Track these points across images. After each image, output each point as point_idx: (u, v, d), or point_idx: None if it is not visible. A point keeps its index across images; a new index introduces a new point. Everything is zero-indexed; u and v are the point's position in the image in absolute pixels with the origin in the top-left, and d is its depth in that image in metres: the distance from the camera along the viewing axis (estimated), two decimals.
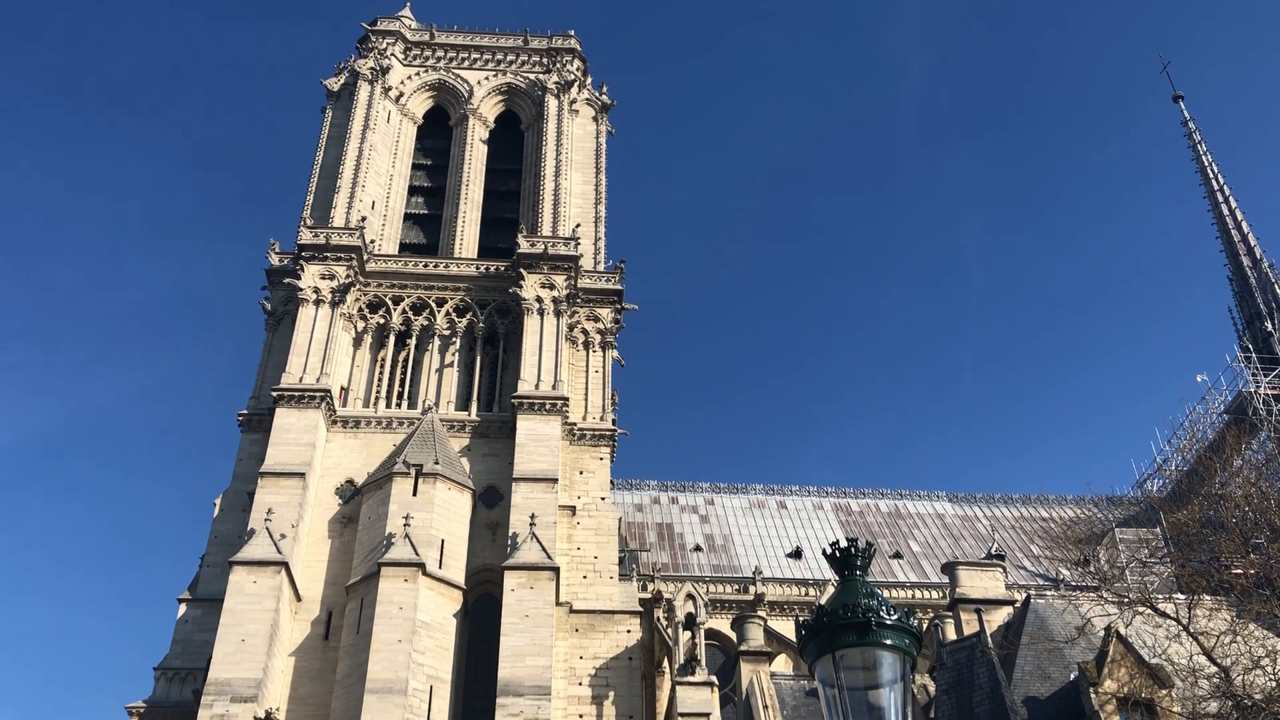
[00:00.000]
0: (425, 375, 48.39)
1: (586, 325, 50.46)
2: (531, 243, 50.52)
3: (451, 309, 50.12)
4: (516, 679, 38.14)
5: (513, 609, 39.80)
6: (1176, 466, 62.05)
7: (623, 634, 41.95)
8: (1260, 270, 76.31)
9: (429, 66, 61.32)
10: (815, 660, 7.88)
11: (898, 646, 7.74)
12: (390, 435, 46.00)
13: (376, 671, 37.38)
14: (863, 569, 8.30)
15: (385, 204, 54.83)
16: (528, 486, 43.11)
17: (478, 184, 57.17)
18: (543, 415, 45.36)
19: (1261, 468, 38.70)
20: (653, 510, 64.17)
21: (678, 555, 60.18)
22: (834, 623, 7.78)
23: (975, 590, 31.42)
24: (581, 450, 46.77)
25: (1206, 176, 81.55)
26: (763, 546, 61.56)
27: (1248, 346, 67.37)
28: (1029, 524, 64.86)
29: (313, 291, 48.53)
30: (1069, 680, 27.46)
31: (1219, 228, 79.73)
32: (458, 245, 53.71)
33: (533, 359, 47.02)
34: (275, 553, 40.22)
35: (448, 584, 40.80)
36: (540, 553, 40.98)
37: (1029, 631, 29.22)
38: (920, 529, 64.36)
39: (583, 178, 56.70)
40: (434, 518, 41.69)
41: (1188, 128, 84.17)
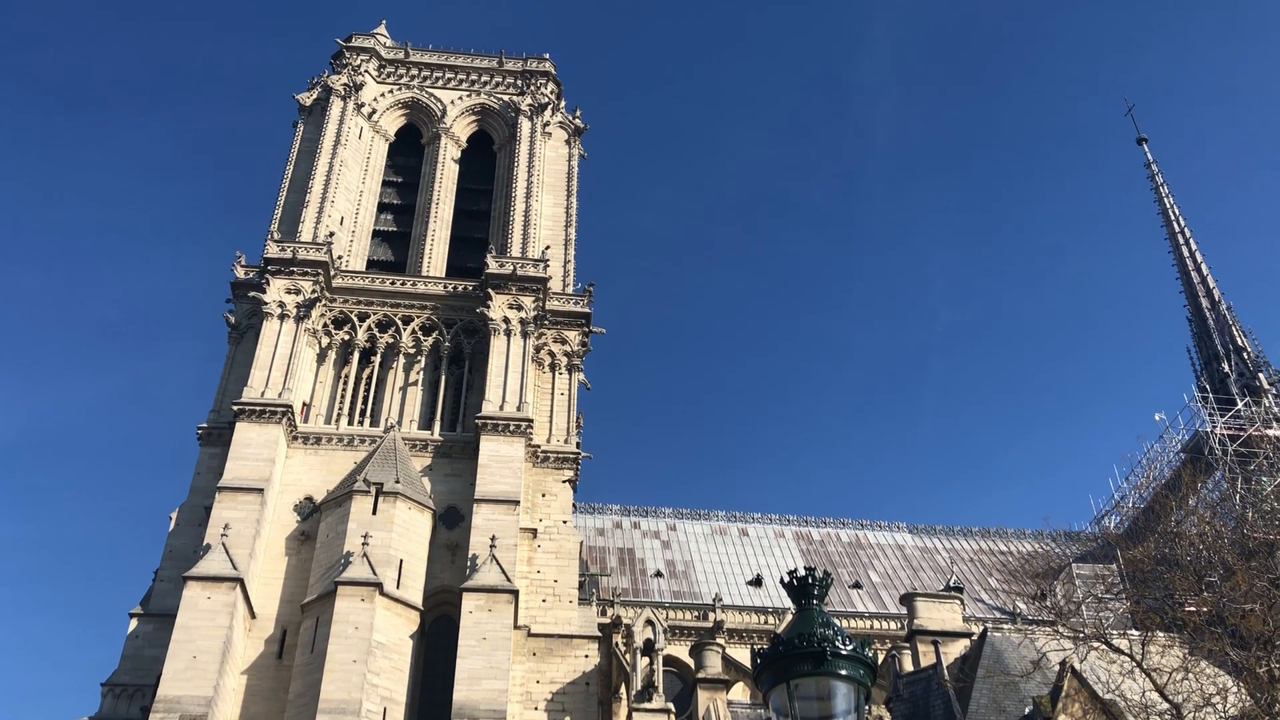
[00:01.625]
0: (389, 393, 48.10)
1: (553, 347, 50.40)
2: (500, 263, 50.46)
3: (417, 327, 49.91)
4: (472, 702, 37.78)
5: (470, 631, 39.45)
6: (1134, 504, 62.75)
7: (581, 659, 41.69)
8: (1218, 312, 77.57)
9: (403, 84, 61.31)
10: (770, 689, 7.86)
11: (853, 677, 7.74)
12: (351, 453, 45.62)
13: (330, 692, 36.87)
14: (819, 598, 8.30)
15: (354, 220, 54.62)
16: (489, 508, 42.86)
17: (448, 203, 57.14)
18: (506, 437, 45.18)
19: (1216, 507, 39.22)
20: (615, 535, 63.99)
21: (638, 580, 60.02)
22: (789, 651, 7.77)
23: (933, 622, 31.50)
24: (544, 473, 46.60)
25: (1168, 218, 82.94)
26: (723, 573, 61.52)
27: (1205, 387, 68.35)
28: (988, 557, 65.27)
29: (278, 305, 48.17)
30: (1024, 714, 27.56)
31: (1179, 269, 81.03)
32: (426, 264, 53.55)
33: (498, 380, 46.86)
34: (231, 569, 39.69)
35: (405, 604, 40.39)
36: (500, 575, 40.70)
37: (985, 664, 29.32)
38: (880, 559, 64.58)
39: (554, 200, 56.80)
40: (393, 537, 41.32)
41: (1151, 170, 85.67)
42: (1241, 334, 75.99)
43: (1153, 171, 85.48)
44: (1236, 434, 60.83)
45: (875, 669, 8.03)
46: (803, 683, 7.72)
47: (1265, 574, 27.24)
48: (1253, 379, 72.19)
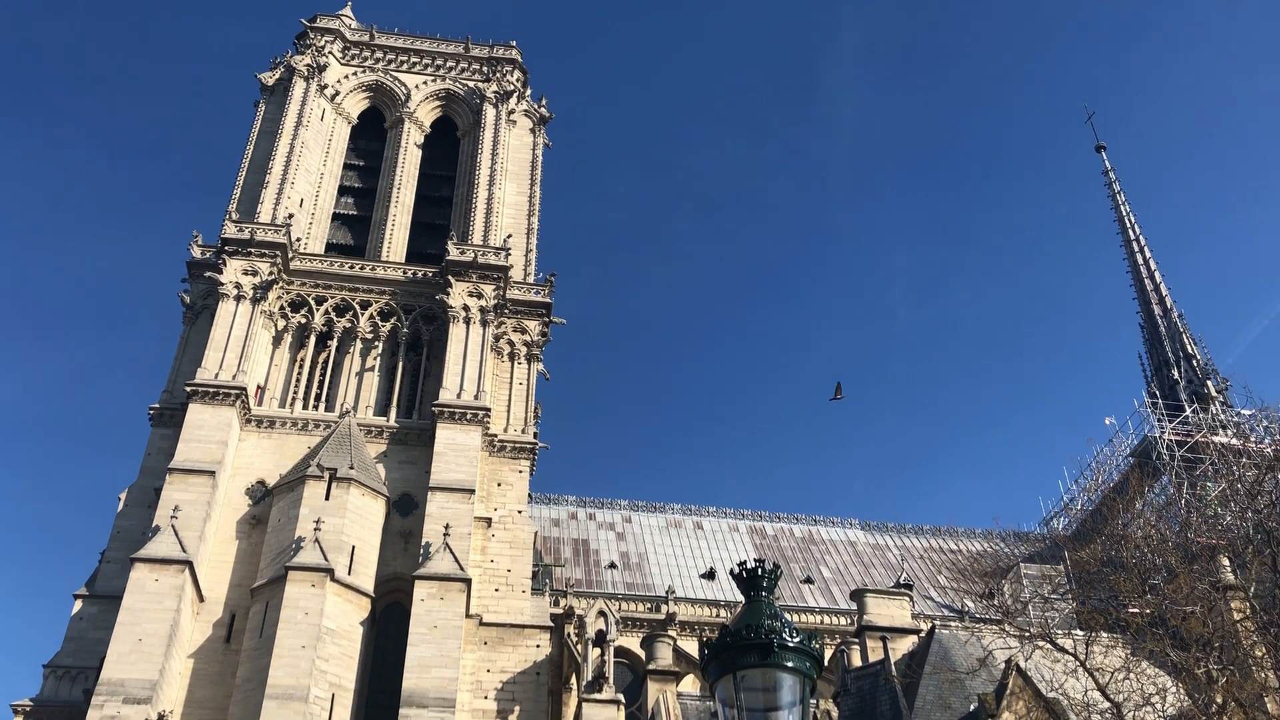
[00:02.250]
0: (345, 378, 47.73)
1: (513, 336, 50.23)
2: (461, 250, 50.21)
3: (376, 312, 49.56)
4: (421, 690, 37.64)
5: (421, 619, 39.30)
6: (1082, 506, 63.66)
7: (532, 649, 41.66)
8: (1170, 320, 78.82)
9: (367, 67, 60.78)
10: (717, 680, 7.91)
11: (798, 669, 7.80)
12: (305, 437, 45.25)
13: (278, 677, 36.58)
14: (768, 590, 8.36)
15: (314, 202, 54.11)
16: (444, 496, 42.69)
17: (410, 188, 56.75)
18: (463, 425, 45.00)
19: (1161, 510, 39.96)
20: (570, 526, 63.99)
21: (592, 572, 60.06)
22: (737, 643, 7.82)
23: (882, 618, 31.78)
24: (501, 462, 46.47)
25: (1124, 226, 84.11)
26: (677, 566, 61.72)
27: (1155, 393, 69.43)
28: (938, 555, 65.98)
29: (234, 287, 47.65)
30: (969, 711, 27.86)
31: (1133, 276, 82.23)
32: (386, 248, 53.17)
33: (456, 367, 46.65)
34: (180, 551, 39.25)
35: (356, 591, 40.15)
36: (453, 564, 40.57)
37: (932, 661, 29.64)
38: (832, 555, 65.09)
39: (517, 188, 56.57)
40: (346, 523, 41.05)
41: (1109, 178, 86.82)
42: (1192, 342, 77.28)
43: (1110, 179, 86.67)
44: (1184, 439, 61.88)
45: (821, 661, 8.10)
46: (749, 674, 7.77)
47: (1206, 577, 27.82)
48: (1201, 386, 73.47)
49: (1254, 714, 23.90)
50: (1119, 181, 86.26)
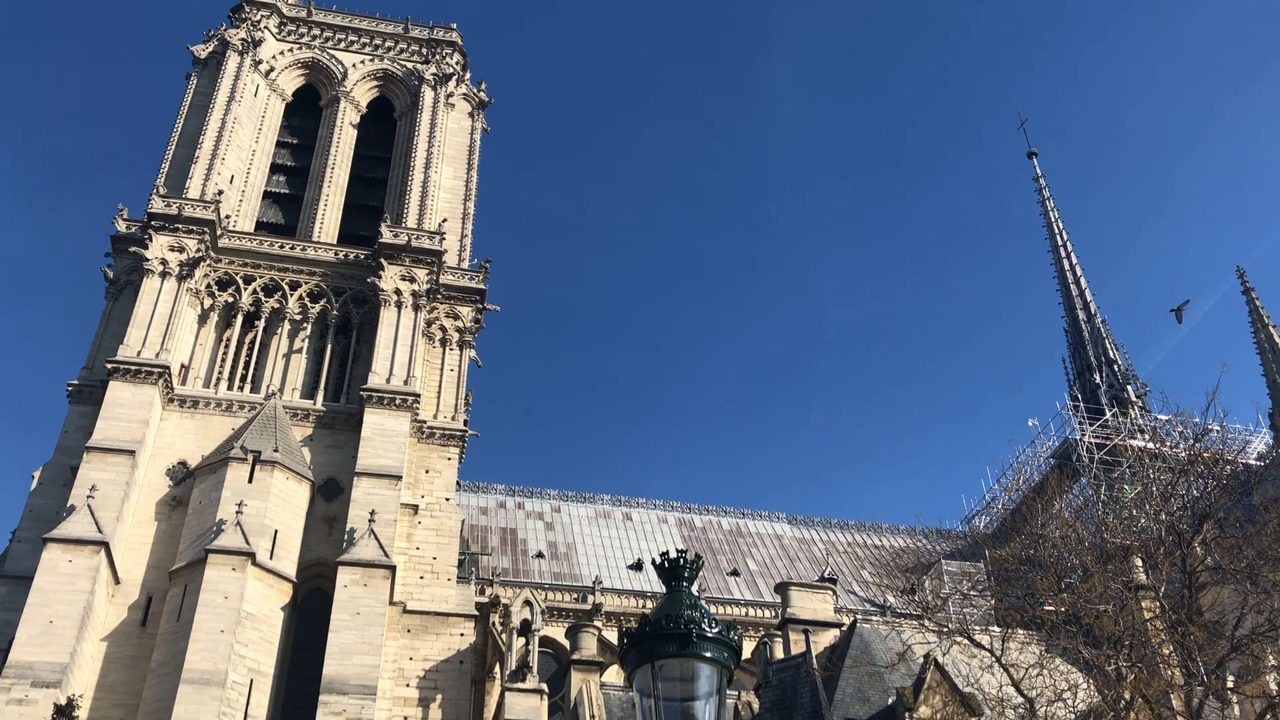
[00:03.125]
0: (272, 359, 46.93)
1: (445, 322, 49.75)
2: (395, 233, 49.60)
3: (305, 293, 48.79)
4: (342, 677, 37.23)
5: (344, 605, 38.86)
6: (1003, 505, 64.85)
7: (456, 637, 41.40)
8: (1094, 325, 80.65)
9: (303, 44, 59.73)
10: (635, 669, 7.89)
11: (716, 659, 7.82)
12: (230, 418, 44.43)
13: (195, 661, 35.91)
14: (690, 580, 8.36)
15: (245, 180, 53.07)
16: (370, 482, 42.20)
17: (344, 168, 55.92)
18: (392, 410, 44.51)
19: (1079, 511, 40.87)
20: (498, 514, 63.67)
21: (519, 561, 59.85)
22: (656, 633, 7.81)
23: (805, 611, 32.09)
24: (429, 449, 46.04)
25: (1052, 232, 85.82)
26: (605, 557, 61.74)
27: (1077, 396, 70.97)
28: (862, 550, 66.83)
29: (160, 263, 46.59)
30: (887, 704, 28.27)
31: (1060, 281, 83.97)
32: (318, 229, 52.34)
33: (386, 352, 46.10)
34: (95, 531, 38.33)
35: (278, 576, 39.55)
36: (377, 550, 40.15)
37: (853, 655, 30.01)
38: (759, 548, 65.59)
39: (453, 172, 56.02)
40: (269, 507, 40.40)
41: (1039, 184, 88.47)
42: (1114, 347, 79.16)
43: (1040, 185, 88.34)
44: (1103, 443, 63.34)
45: (739, 652, 8.13)
46: (667, 663, 7.77)
47: (1120, 577, 28.52)
48: (1121, 391, 75.31)
49: (1160, 710, 24.58)
50: (1049, 188, 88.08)
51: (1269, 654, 26.43)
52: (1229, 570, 27.91)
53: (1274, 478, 48.34)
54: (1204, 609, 28.69)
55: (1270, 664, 26.76)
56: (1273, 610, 26.00)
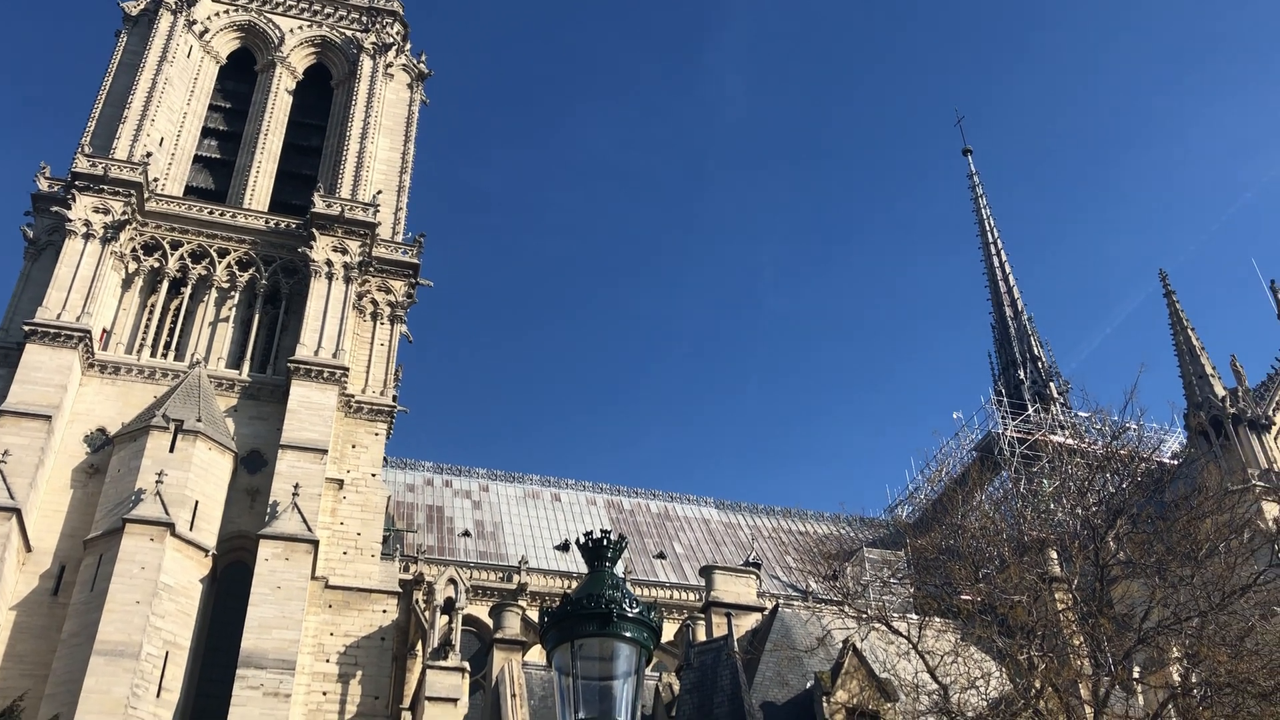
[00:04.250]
0: (197, 327, 46.00)
1: (377, 296, 49.13)
2: (328, 203, 48.82)
3: (234, 261, 47.86)
4: (260, 651, 36.77)
5: (265, 579, 38.35)
6: (925, 496, 65.93)
7: (378, 614, 41.08)
8: (1020, 322, 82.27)
9: (239, 6, 58.37)
10: (554, 647, 7.91)
11: (636, 639, 7.86)
12: (152, 386, 43.50)
13: (108, 633, 35.17)
14: (613, 561, 8.39)
15: (175, 143, 51.82)
16: (295, 455, 41.62)
17: (278, 135, 54.84)
18: (319, 383, 43.88)
19: (999, 503, 41.76)
20: (425, 492, 63.25)
21: (445, 539, 59.55)
22: (576, 612, 7.84)
23: (728, 595, 32.37)
24: (357, 423, 45.51)
25: (984, 229, 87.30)
26: (532, 537, 61.68)
27: (1001, 391, 72.39)
28: (787, 536, 67.59)
29: (83, 224, 45.38)
30: (805, 688, 28.65)
31: (989, 278, 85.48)
32: (249, 196, 51.31)
33: (315, 324, 45.41)
34: (7, 497, 37.35)
35: (197, 547, 38.85)
36: (300, 524, 39.65)
37: (774, 639, 30.36)
38: (686, 532, 66.00)
39: (390, 144, 55.23)
40: (190, 477, 39.65)
41: (972, 180, 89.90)
42: (1039, 344, 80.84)
43: (974, 182, 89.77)
44: (1025, 437, 64.68)
45: (659, 633, 8.18)
46: (587, 643, 7.80)
47: (1035, 569, 29.18)
48: (1044, 387, 76.98)
49: (1068, 698, 25.25)
50: (982, 185, 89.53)
51: (1173, 646, 27.25)
52: (1139, 565, 28.71)
53: (1186, 476, 49.82)
54: (1114, 602, 29.48)
55: (1174, 656, 27.58)
56: (1179, 604, 26.78)
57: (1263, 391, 60.27)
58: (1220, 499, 32.89)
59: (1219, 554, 27.86)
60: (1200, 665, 25.85)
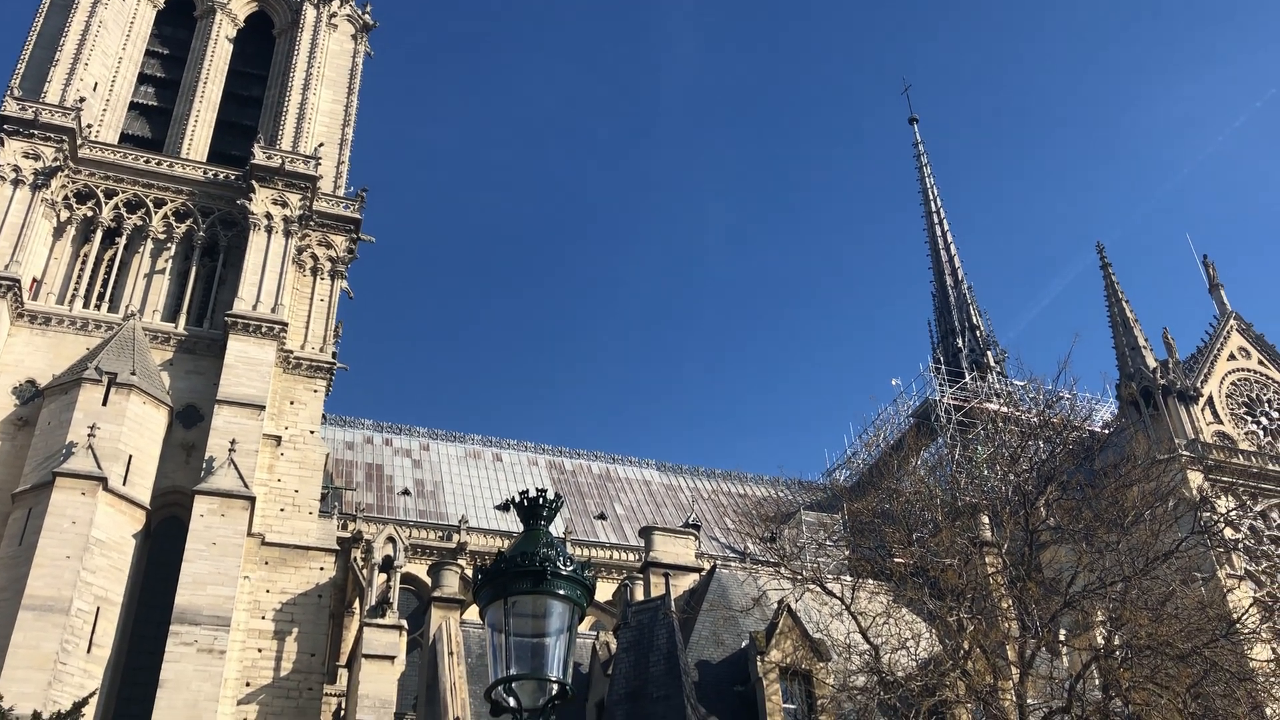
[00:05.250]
0: (132, 279, 45.04)
1: (317, 250, 48.41)
2: (268, 155, 47.89)
3: (171, 212, 46.84)
4: (195, 607, 36.45)
5: (200, 535, 37.93)
6: (863, 460, 66.85)
7: (315, 571, 40.88)
8: (960, 291, 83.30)
9: None
10: (488, 605, 7.93)
11: (570, 597, 7.90)
12: (84, 338, 42.60)
13: (37, 588, 34.63)
14: (548, 519, 8.41)
15: (110, 89, 50.42)
16: (231, 410, 41.07)
17: (217, 83, 53.54)
18: (257, 338, 43.25)
19: (934, 469, 42.44)
20: (364, 450, 62.83)
21: (385, 497, 59.29)
22: (511, 569, 7.85)
23: (667, 556, 32.59)
24: (295, 380, 44.99)
25: (927, 197, 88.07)
26: (473, 496, 61.62)
27: (939, 359, 73.28)
28: (726, 498, 68.22)
29: (12, 170, 44.14)
30: (740, 648, 29.02)
31: (931, 247, 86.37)
32: (187, 145, 50.14)
33: (254, 277, 44.67)
34: None
35: (131, 502, 38.30)
36: (236, 480, 39.21)
37: (710, 599, 30.68)
38: (627, 493, 66.33)
39: (333, 96, 54.23)
40: (123, 431, 38.98)
41: (918, 149, 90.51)
42: (978, 313, 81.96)
43: (919, 151, 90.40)
44: (961, 404, 65.66)
45: (592, 591, 8.23)
46: (520, 600, 7.82)
47: (967, 533, 29.74)
48: (982, 356, 78.17)
49: (995, 660, 25.87)
50: (927, 154, 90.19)
51: (1098, 610, 27.98)
52: (1067, 530, 29.39)
53: (1115, 445, 50.95)
54: (1042, 566, 30.19)
55: (1098, 619, 28.32)
56: (1104, 569, 27.47)
57: (1192, 364, 61.71)
58: (1147, 468, 33.74)
59: (1144, 521, 28.58)
60: (1123, 628, 26.59)
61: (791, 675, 27.54)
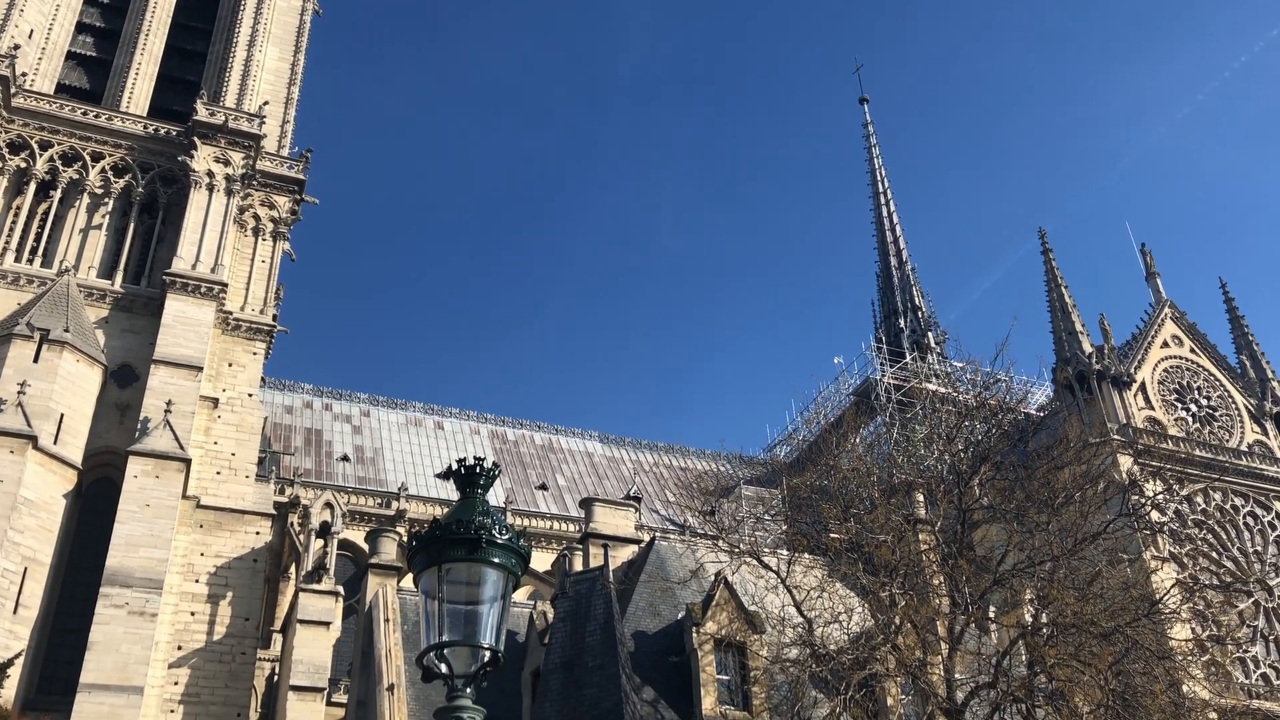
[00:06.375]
0: (67, 234, 43.97)
1: (260, 211, 47.57)
2: (211, 111, 46.84)
3: (109, 166, 45.73)
4: (127, 569, 35.92)
5: (133, 496, 37.33)
6: (803, 437, 67.49)
7: (251, 535, 40.44)
8: (904, 272, 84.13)
9: None
10: (421, 571, 7.92)
11: (504, 565, 7.92)
12: (15, 293, 41.57)
13: None
14: (484, 488, 8.41)
15: (46, 36, 48.95)
16: (168, 371, 40.34)
17: (160, 35, 52.18)
18: (196, 298, 42.48)
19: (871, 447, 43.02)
20: (303, 414, 62.23)
21: (323, 463, 58.83)
22: (445, 536, 7.85)
23: (607, 527, 32.75)
24: (235, 341, 44.31)
25: (875, 178, 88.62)
26: (413, 464, 61.34)
27: (881, 338, 74.10)
28: (667, 471, 68.59)
29: None
30: (677, 619, 29.27)
31: (877, 227, 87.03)
32: (126, 99, 48.90)
33: (194, 236, 43.80)
34: None
35: (62, 462, 37.58)
36: (172, 441, 38.60)
37: (648, 570, 30.89)
38: (569, 464, 66.42)
39: (279, 54, 53.14)
40: (55, 389, 38.17)
41: (867, 130, 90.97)
42: (920, 294, 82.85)
43: (868, 131, 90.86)
44: (901, 384, 66.45)
45: (528, 560, 8.25)
46: (455, 567, 7.82)
47: (901, 511, 30.23)
48: (923, 336, 79.10)
49: (925, 635, 26.38)
50: (875, 135, 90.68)
51: (1026, 588, 28.61)
52: (1000, 510, 29.98)
53: (1049, 428, 51.99)
54: (974, 544, 30.78)
55: (1027, 597, 28.96)
56: (1034, 549, 28.09)
57: (1126, 350, 62.96)
58: (1079, 451, 34.48)
59: (1074, 503, 29.24)
60: (1049, 607, 27.23)
61: (726, 647, 27.85)
